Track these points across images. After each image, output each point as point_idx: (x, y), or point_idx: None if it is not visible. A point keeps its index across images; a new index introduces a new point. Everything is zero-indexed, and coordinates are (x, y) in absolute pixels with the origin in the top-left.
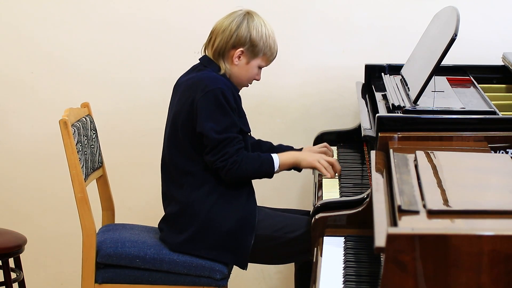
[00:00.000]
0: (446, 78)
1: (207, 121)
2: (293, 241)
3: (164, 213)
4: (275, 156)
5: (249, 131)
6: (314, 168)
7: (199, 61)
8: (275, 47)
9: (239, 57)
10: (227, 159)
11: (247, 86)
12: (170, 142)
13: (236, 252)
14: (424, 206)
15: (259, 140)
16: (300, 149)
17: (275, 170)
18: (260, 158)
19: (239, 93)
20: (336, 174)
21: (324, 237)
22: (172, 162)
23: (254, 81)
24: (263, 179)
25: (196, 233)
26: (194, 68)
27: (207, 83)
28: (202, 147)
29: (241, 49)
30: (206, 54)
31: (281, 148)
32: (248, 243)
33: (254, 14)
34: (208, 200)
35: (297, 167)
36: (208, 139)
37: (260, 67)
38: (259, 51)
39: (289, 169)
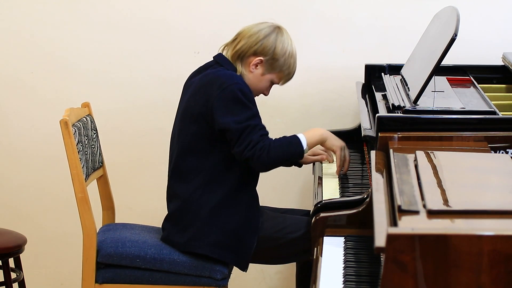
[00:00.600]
0: (446, 78)
1: (226, 116)
2: (293, 242)
3: (167, 213)
4: (300, 135)
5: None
6: (333, 152)
7: (212, 59)
8: (294, 68)
9: (257, 65)
10: (254, 147)
11: (255, 96)
12: (180, 139)
13: (238, 253)
14: (424, 206)
15: None
16: None
17: (304, 148)
18: (287, 139)
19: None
20: (341, 172)
21: (324, 237)
22: (179, 159)
23: (261, 95)
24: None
25: (200, 230)
26: (207, 66)
27: (224, 80)
28: (212, 146)
29: (261, 58)
30: (224, 54)
31: None
32: (251, 245)
33: (284, 30)
34: (212, 198)
35: (297, 162)
36: (229, 132)
37: (272, 83)
38: (277, 66)
39: (290, 164)
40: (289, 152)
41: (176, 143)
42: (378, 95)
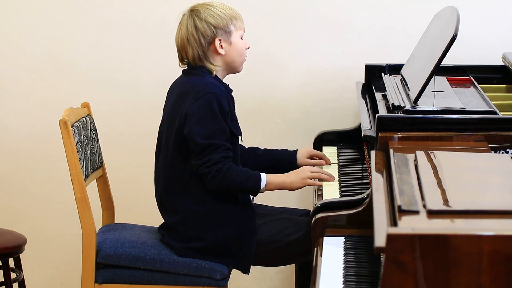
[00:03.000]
0: (446, 78)
1: (195, 125)
2: (293, 244)
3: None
4: (263, 175)
5: (240, 134)
6: (309, 185)
7: (187, 67)
8: (236, 12)
9: (221, 46)
10: (212, 166)
11: (245, 59)
12: (164, 149)
13: (239, 257)
14: (424, 206)
15: (254, 147)
16: (294, 152)
17: (261, 188)
18: (248, 173)
19: (232, 96)
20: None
21: (324, 237)
22: (166, 170)
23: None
24: None
25: (197, 242)
26: (186, 73)
27: (199, 89)
28: (191, 154)
29: (217, 38)
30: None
31: (276, 153)
32: (251, 247)
33: (197, 6)
34: (205, 209)
35: (293, 167)
36: (193, 144)
37: (241, 37)
38: (229, 27)
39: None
40: (243, 185)
41: (161, 152)
42: (378, 95)
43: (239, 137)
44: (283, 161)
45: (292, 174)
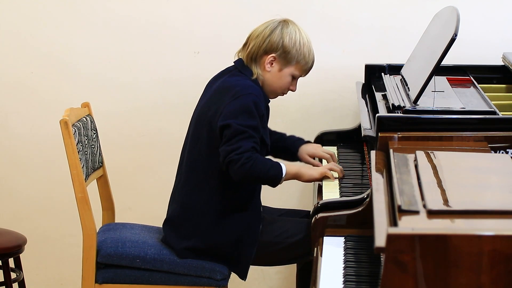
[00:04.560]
0: (446, 78)
1: (231, 116)
2: (293, 246)
3: (168, 211)
4: (282, 165)
5: (269, 144)
6: (316, 180)
7: (233, 64)
8: (310, 56)
9: (271, 63)
10: (242, 153)
11: (282, 95)
12: (191, 142)
13: (237, 264)
14: (424, 206)
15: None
16: (306, 142)
17: (283, 176)
18: (271, 162)
19: (268, 106)
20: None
21: (324, 237)
22: (187, 162)
23: (290, 92)
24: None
25: (198, 243)
26: (228, 71)
27: (238, 89)
28: (217, 152)
29: (273, 55)
30: (240, 57)
31: (291, 139)
32: (250, 255)
33: (290, 22)
34: (214, 209)
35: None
36: (228, 129)
37: (294, 77)
38: (292, 59)
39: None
40: (269, 174)
41: (188, 146)
42: (378, 95)
43: (267, 148)
44: (286, 150)
45: (306, 166)
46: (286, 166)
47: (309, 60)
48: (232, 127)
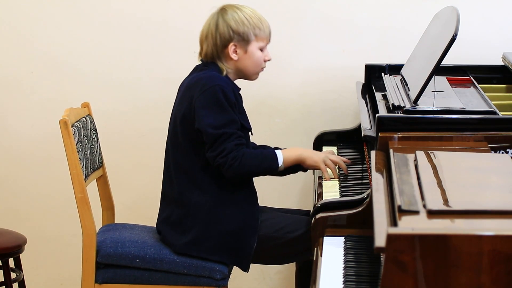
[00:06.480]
0: (446, 78)
1: (205, 118)
2: (293, 241)
3: (162, 215)
4: (278, 152)
5: (250, 128)
6: (317, 169)
7: (200, 62)
8: (264, 23)
9: (235, 51)
10: (227, 155)
11: (262, 70)
12: (172, 143)
13: (238, 254)
14: (424, 206)
15: (261, 145)
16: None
17: (279, 165)
18: (262, 153)
19: (240, 92)
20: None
21: (324, 237)
22: (174, 162)
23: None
24: (266, 177)
25: (198, 235)
26: (196, 69)
27: (205, 82)
28: (200, 147)
29: (232, 43)
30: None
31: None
32: (251, 245)
33: (226, 6)
34: (209, 201)
35: (301, 166)
36: (206, 136)
37: (261, 49)
38: (249, 36)
39: (294, 170)
40: (262, 166)
41: (169, 147)
42: (378, 95)
43: (249, 133)
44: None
45: (311, 150)
46: (284, 152)
47: (264, 26)
48: (209, 134)
